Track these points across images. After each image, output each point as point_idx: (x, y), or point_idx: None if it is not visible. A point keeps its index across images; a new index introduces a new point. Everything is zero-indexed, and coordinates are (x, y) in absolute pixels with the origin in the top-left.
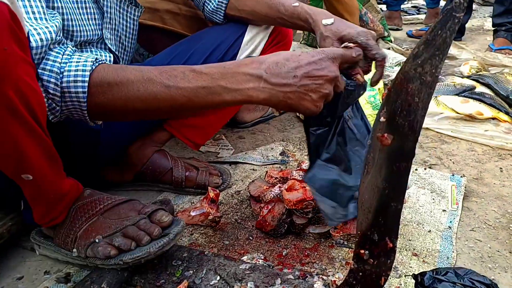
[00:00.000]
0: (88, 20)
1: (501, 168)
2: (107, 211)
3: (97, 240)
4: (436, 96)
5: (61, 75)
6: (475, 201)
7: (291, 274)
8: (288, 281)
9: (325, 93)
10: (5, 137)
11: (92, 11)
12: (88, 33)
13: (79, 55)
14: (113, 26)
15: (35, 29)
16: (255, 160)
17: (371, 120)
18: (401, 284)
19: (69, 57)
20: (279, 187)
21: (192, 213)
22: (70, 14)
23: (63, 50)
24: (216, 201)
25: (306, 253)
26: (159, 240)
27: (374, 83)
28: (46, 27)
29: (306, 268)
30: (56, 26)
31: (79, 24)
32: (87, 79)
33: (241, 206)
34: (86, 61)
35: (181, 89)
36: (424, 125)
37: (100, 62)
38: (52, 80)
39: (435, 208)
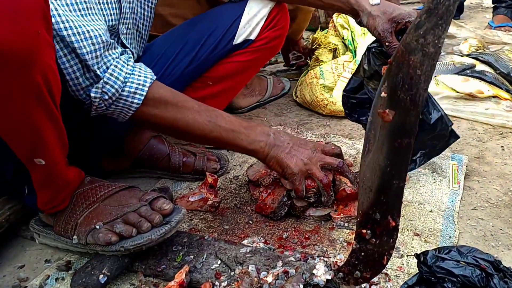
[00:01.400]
0: (108, 16)
1: (502, 146)
2: (107, 198)
3: (97, 227)
4: (435, 76)
5: (124, 84)
6: (477, 180)
7: (292, 256)
8: (289, 263)
9: (301, 162)
10: (26, 121)
11: (113, 6)
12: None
13: (139, 68)
14: (133, 15)
15: (92, 30)
16: None
17: None
18: (403, 264)
19: (133, 68)
20: None
21: (191, 199)
22: (91, 8)
23: (127, 59)
24: (215, 186)
25: (306, 236)
26: (161, 227)
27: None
28: (98, 29)
29: (307, 250)
30: (103, 28)
31: (98, 19)
32: (145, 93)
33: (240, 191)
34: (146, 76)
35: (218, 126)
36: None
37: (155, 79)
38: (116, 86)
39: (436, 188)
